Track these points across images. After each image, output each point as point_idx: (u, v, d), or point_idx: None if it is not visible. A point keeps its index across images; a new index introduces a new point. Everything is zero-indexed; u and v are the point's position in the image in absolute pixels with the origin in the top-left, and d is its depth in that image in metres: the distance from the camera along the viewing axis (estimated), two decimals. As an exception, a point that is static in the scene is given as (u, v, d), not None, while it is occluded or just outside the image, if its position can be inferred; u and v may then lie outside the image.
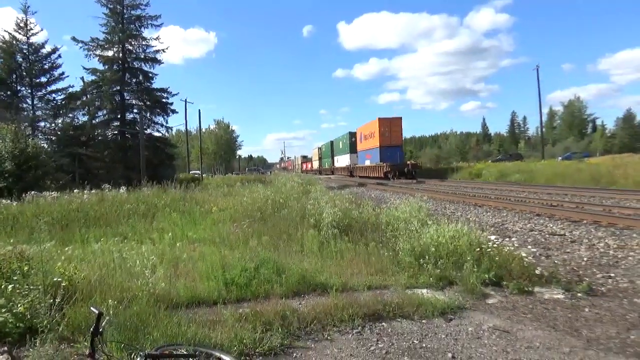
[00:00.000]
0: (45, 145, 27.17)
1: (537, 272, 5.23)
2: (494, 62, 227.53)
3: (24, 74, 30.44)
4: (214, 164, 75.44)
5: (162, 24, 46.37)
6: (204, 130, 67.05)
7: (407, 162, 32.69)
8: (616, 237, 7.68)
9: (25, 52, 30.53)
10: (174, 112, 35.00)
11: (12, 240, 6.23)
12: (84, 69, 32.31)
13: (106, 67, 32.45)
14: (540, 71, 44.53)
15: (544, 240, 7.84)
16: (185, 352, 2.77)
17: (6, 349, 3.35)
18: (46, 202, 12.31)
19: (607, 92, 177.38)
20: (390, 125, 33.12)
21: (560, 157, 47.51)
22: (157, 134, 34.37)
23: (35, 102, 31.09)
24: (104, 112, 32.68)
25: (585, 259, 6.34)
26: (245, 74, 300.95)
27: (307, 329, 3.91)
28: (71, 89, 32.06)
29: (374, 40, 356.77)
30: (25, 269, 4.12)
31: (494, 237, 7.09)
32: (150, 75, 33.58)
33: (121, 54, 32.45)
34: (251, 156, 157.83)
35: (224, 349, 3.24)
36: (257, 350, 3.47)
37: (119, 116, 32.77)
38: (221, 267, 5.21)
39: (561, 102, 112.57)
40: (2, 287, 3.83)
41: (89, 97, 32.32)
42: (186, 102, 44.04)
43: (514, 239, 7.80)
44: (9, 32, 29.91)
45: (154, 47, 33.65)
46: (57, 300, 3.75)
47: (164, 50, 34.12)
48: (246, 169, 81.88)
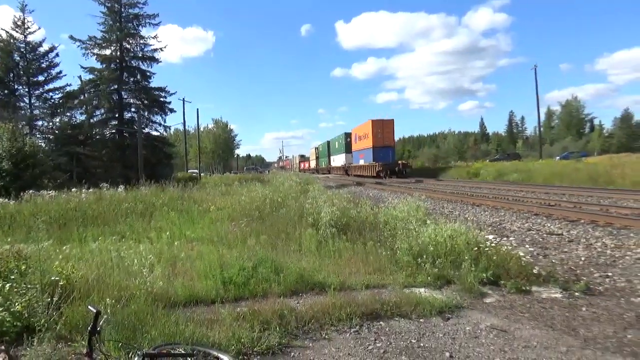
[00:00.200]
0: (42, 144, 27.19)
1: (534, 271, 5.24)
2: (491, 61, 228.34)
3: (22, 72, 30.35)
4: (212, 163, 75.38)
5: (160, 23, 46.42)
6: (202, 129, 67.05)
7: (398, 161, 34.46)
8: (613, 236, 7.70)
9: (22, 50, 30.44)
10: (172, 111, 35.04)
11: (9, 239, 6.23)
12: (82, 67, 32.42)
13: (104, 65, 32.40)
14: (538, 71, 44.73)
15: (541, 239, 7.86)
16: (183, 351, 2.77)
17: (3, 347, 3.35)
18: (44, 201, 12.29)
19: (605, 92, 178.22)
20: (382, 126, 34.93)
21: (558, 157, 47.60)
22: (155, 133, 34.45)
23: (32, 101, 31.06)
24: (102, 111, 32.68)
25: (582, 259, 6.35)
26: (243, 73, 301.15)
27: (305, 328, 3.91)
28: (69, 88, 32.11)
29: (372, 39, 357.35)
30: (22, 267, 4.11)
31: (491, 237, 7.13)
32: (148, 74, 33.62)
33: (119, 53, 32.40)
34: (249, 155, 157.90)
35: (221, 348, 3.24)
36: (255, 349, 3.47)
37: (117, 115, 32.73)
38: (219, 266, 5.21)
39: (559, 101, 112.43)
40: (0, 286, 3.82)
41: (86, 96, 32.28)
42: (184, 101, 44.10)
43: (511, 239, 7.83)
44: (6, 31, 29.94)
45: (151, 45, 33.74)
46: (55, 299, 3.74)
47: (161, 49, 34.22)
48: (244, 168, 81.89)
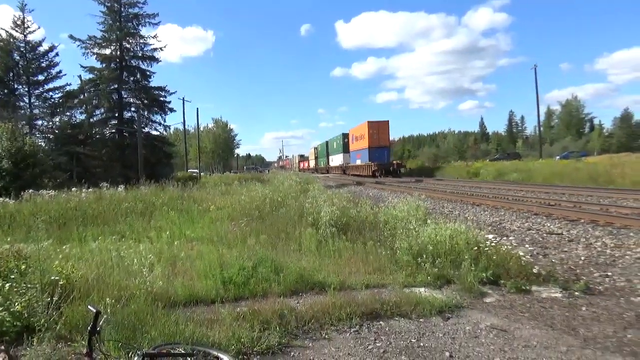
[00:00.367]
0: (42, 143, 27.19)
1: (534, 271, 5.24)
2: (491, 61, 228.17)
3: (21, 72, 30.33)
4: (212, 163, 75.36)
5: (160, 22, 46.22)
6: (202, 129, 67.05)
7: (393, 162, 36.07)
8: (613, 236, 7.70)
9: (22, 50, 30.42)
10: (171, 110, 35.02)
11: (9, 238, 6.22)
12: (82, 67, 32.37)
13: (104, 65, 32.38)
14: (538, 71, 44.69)
15: (541, 239, 7.86)
16: (183, 351, 2.77)
17: (3, 347, 3.34)
18: (43, 200, 12.29)
19: (605, 92, 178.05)
20: (378, 128, 36.24)
21: (558, 157, 47.57)
22: (154, 132, 34.42)
23: (32, 101, 31.04)
24: (102, 110, 32.65)
25: (582, 258, 6.36)
26: (243, 73, 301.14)
27: (305, 328, 3.91)
28: (68, 87, 32.09)
29: (372, 39, 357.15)
30: (22, 267, 4.11)
31: (491, 236, 7.13)
32: (147, 73, 33.57)
33: (119, 52, 32.39)
34: (249, 155, 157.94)
35: (221, 348, 3.24)
36: (255, 349, 3.47)
37: (117, 115, 32.71)
38: (219, 265, 5.21)
39: (559, 101, 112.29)
40: (0, 285, 3.82)
41: (86, 95, 32.26)
42: (184, 100, 44.05)
43: (511, 238, 7.83)
44: (6, 30, 29.92)
45: (151, 45, 33.71)
46: (55, 298, 3.74)
47: (161, 48, 34.21)
48: (244, 168, 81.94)
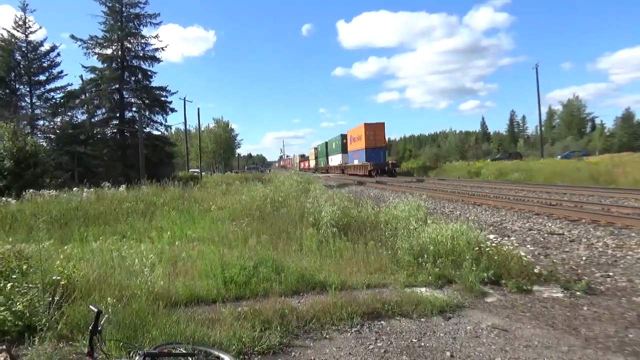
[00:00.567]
0: (44, 143, 27.16)
1: (535, 271, 5.24)
2: (493, 61, 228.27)
3: (23, 72, 30.37)
4: (213, 163, 75.40)
5: (161, 22, 46.59)
6: (203, 128, 67.08)
7: (389, 162, 37.65)
8: (615, 236, 7.69)
9: (23, 50, 30.46)
10: (173, 110, 35.06)
11: (10, 238, 6.22)
12: (83, 67, 32.38)
13: (105, 65, 32.43)
14: (539, 70, 44.58)
15: (542, 239, 7.85)
16: (184, 351, 2.78)
17: (5, 347, 3.35)
18: (45, 200, 12.31)
19: (606, 91, 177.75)
20: (374, 129, 37.73)
21: (559, 156, 47.46)
22: (156, 132, 34.44)
23: (34, 101, 31.06)
24: (103, 110, 32.69)
25: (584, 258, 6.35)
26: (244, 73, 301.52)
27: (306, 328, 3.91)
28: (70, 87, 32.08)
29: (373, 39, 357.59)
30: (24, 267, 4.12)
31: (492, 236, 7.11)
32: (149, 73, 33.61)
33: (120, 52, 32.42)
34: (250, 154, 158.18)
35: (222, 348, 3.25)
36: (256, 348, 3.47)
37: (118, 114, 32.76)
38: (220, 265, 5.21)
39: (560, 101, 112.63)
40: (1, 285, 3.82)
41: (88, 95, 32.28)
42: (185, 100, 44.03)
43: (512, 238, 7.81)
44: (7, 30, 29.92)
45: (152, 45, 33.76)
46: (56, 298, 3.75)
47: (163, 48, 34.25)
48: (245, 168, 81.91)
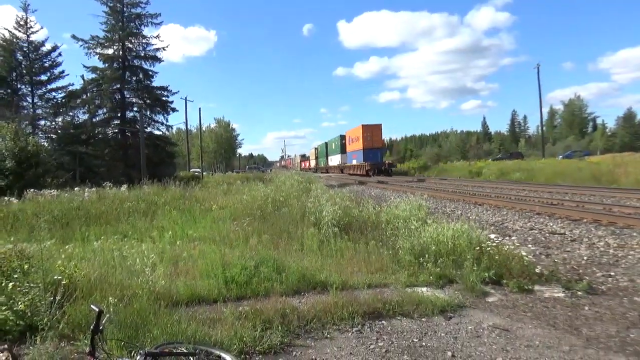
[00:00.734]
0: (45, 143, 27.23)
1: (537, 270, 5.23)
2: (494, 60, 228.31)
3: (24, 72, 30.42)
4: (214, 162, 75.45)
5: (162, 22, 46.65)
6: (204, 128, 67.13)
7: (385, 162, 39.12)
8: (616, 236, 7.67)
9: (25, 50, 30.52)
10: (174, 110, 35.17)
11: (12, 238, 6.23)
12: (84, 67, 32.46)
13: (106, 65, 32.51)
14: (541, 70, 44.42)
15: (544, 239, 7.84)
16: (185, 350, 2.78)
17: (6, 346, 3.35)
18: (46, 200, 12.33)
19: (608, 91, 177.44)
20: (372, 130, 39.06)
21: (560, 156, 47.39)
22: (157, 132, 34.55)
23: (35, 101, 31.11)
24: (104, 110, 32.77)
25: (585, 258, 6.34)
26: (245, 73, 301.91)
27: (307, 327, 3.91)
28: (71, 87, 32.13)
29: (374, 38, 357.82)
30: (25, 267, 4.12)
31: (494, 236, 7.10)
32: (150, 73, 33.69)
33: (121, 52, 32.49)
34: (251, 154, 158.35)
35: (223, 347, 3.25)
36: (257, 348, 3.47)
37: (119, 114, 32.84)
38: (221, 265, 5.21)
39: (562, 100, 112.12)
40: (3, 285, 3.83)
41: (89, 95, 32.34)
42: (186, 100, 43.99)
43: (514, 238, 7.80)
44: (9, 30, 29.98)
45: (154, 45, 33.87)
46: (58, 298, 3.76)
47: (164, 48, 34.35)
48: (246, 167, 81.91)
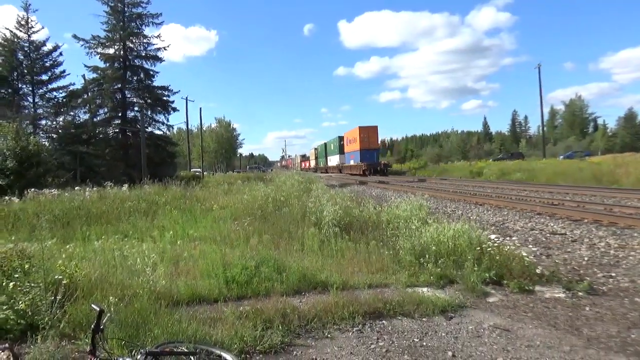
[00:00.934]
0: (46, 143, 27.26)
1: (537, 271, 5.22)
2: (495, 60, 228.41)
3: (25, 71, 30.44)
4: (215, 162, 75.49)
5: (163, 22, 46.62)
6: (205, 128, 67.14)
7: (381, 162, 40.69)
8: (617, 236, 7.66)
9: (26, 49, 30.54)
10: (175, 110, 35.18)
11: (13, 238, 6.25)
12: (85, 66, 32.52)
13: (107, 65, 32.56)
14: (541, 70, 44.36)
15: (544, 239, 7.83)
16: (185, 350, 2.79)
17: (7, 345, 3.36)
18: (47, 199, 12.34)
19: (609, 91, 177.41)
20: (368, 132, 40.40)
21: (561, 156, 47.38)
22: (158, 132, 34.58)
23: (36, 100, 31.12)
24: (105, 110, 32.82)
25: (586, 258, 6.33)
26: (246, 73, 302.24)
27: (308, 327, 3.91)
28: (72, 87, 32.14)
29: (375, 38, 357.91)
30: (26, 266, 4.13)
31: (494, 236, 7.10)
32: (151, 73, 33.72)
33: (122, 52, 32.52)
34: (252, 154, 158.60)
35: (224, 347, 3.25)
36: (258, 348, 3.47)
37: (120, 114, 32.88)
38: (222, 265, 5.22)
39: (562, 101, 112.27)
40: (4, 284, 3.84)
41: (90, 95, 32.37)
42: (187, 100, 43.90)
43: (514, 238, 7.80)
44: (10, 30, 30.00)
45: (155, 45, 33.90)
46: (58, 297, 3.77)
47: (165, 48, 34.37)
48: (247, 167, 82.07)
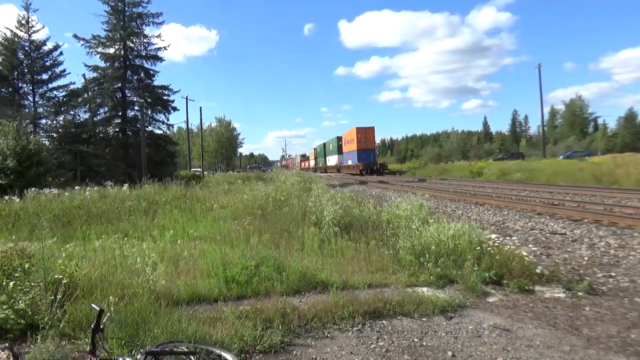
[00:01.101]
0: (46, 142, 27.29)
1: (537, 271, 5.22)
2: (495, 60, 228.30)
3: (26, 71, 30.43)
4: (215, 162, 75.50)
5: (164, 22, 46.58)
6: (205, 127, 67.14)
7: (377, 162, 41.87)
8: (617, 236, 7.66)
9: (26, 49, 30.54)
10: (175, 109, 35.08)
11: (13, 237, 6.25)
12: (86, 66, 32.48)
13: (107, 64, 32.51)
14: (542, 69, 44.37)
15: (544, 239, 7.83)
16: (185, 349, 2.79)
17: (7, 345, 3.36)
18: (47, 199, 12.34)
19: (609, 91, 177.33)
20: (365, 133, 41.79)
21: (561, 156, 47.37)
22: (158, 131, 34.50)
23: (36, 99, 31.13)
24: (105, 109, 32.76)
25: (586, 258, 6.33)
26: (246, 72, 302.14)
27: (308, 327, 3.91)
28: (73, 86, 32.13)
29: (375, 38, 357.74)
30: (26, 266, 4.13)
31: (494, 236, 7.10)
32: (151, 72, 33.65)
33: (122, 52, 32.47)
34: (252, 154, 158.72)
35: (224, 346, 3.25)
36: (258, 347, 3.48)
37: (120, 113, 32.84)
38: (222, 264, 5.22)
39: (563, 100, 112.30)
40: (4, 284, 3.84)
41: (90, 94, 32.36)
42: (187, 99, 43.86)
43: (514, 238, 7.80)
44: (10, 30, 30.00)
45: (155, 44, 33.83)
46: (58, 297, 3.76)
47: (165, 47, 34.30)
48: (247, 167, 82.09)
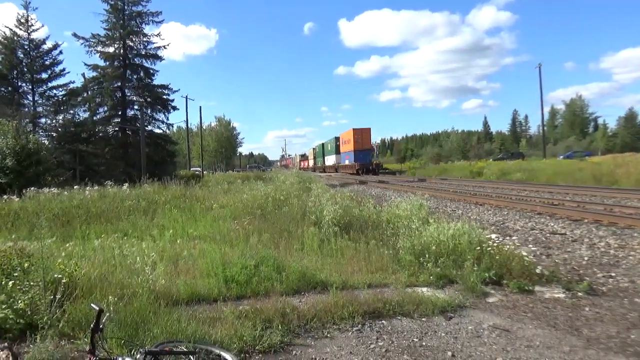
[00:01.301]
0: (46, 141, 27.22)
1: (537, 271, 5.22)
2: (496, 60, 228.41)
3: (25, 70, 30.36)
4: (214, 161, 75.48)
5: (163, 21, 46.44)
6: (205, 127, 67.13)
7: (374, 162, 42.58)
8: (617, 236, 7.66)
9: (26, 48, 30.45)
10: (174, 108, 35.03)
11: (12, 236, 6.23)
12: (85, 65, 32.40)
13: (107, 63, 32.47)
14: (542, 69, 44.43)
15: (544, 239, 7.83)
16: (185, 349, 2.79)
17: (6, 345, 3.36)
18: (47, 198, 12.33)
19: (609, 91, 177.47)
20: (362, 133, 42.39)
21: (561, 156, 47.39)
22: (157, 130, 34.42)
23: (36, 98, 31.04)
24: (105, 108, 32.68)
25: (586, 259, 6.33)
26: (246, 71, 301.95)
27: (307, 327, 3.91)
28: (72, 85, 32.02)
29: (375, 37, 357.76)
30: (25, 265, 4.12)
31: (494, 236, 7.11)
32: (151, 71, 33.59)
33: (122, 51, 32.43)
34: (252, 153, 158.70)
35: (223, 346, 3.25)
36: (257, 347, 3.47)
37: (120, 113, 32.80)
38: (221, 264, 5.21)
39: (563, 100, 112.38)
40: (3, 283, 3.83)
41: (89, 93, 32.32)
42: (187, 98, 43.90)
43: (514, 238, 7.80)
44: (10, 28, 29.93)
45: (154, 43, 33.75)
46: (58, 296, 3.75)
47: (164, 46, 34.23)
48: (247, 166, 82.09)
